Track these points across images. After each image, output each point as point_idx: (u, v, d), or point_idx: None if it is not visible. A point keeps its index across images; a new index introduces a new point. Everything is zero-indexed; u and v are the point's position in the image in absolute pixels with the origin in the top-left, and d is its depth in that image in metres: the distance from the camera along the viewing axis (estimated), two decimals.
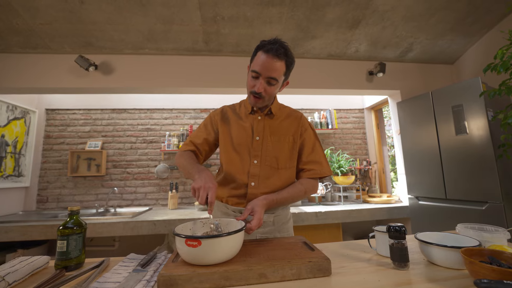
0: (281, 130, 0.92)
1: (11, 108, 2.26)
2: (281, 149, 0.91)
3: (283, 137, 0.92)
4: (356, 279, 0.60)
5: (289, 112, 0.98)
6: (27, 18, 1.77)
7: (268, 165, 0.89)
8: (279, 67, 0.82)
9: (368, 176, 2.81)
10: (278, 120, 0.94)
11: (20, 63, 2.08)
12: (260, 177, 0.88)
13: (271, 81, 0.84)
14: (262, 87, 0.84)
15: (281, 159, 0.90)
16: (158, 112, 2.69)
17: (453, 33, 2.13)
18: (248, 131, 0.92)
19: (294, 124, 0.94)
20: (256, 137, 0.91)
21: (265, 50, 0.81)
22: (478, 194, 1.62)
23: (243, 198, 0.90)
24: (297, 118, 0.96)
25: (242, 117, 0.96)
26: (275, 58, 0.81)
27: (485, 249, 0.61)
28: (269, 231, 0.91)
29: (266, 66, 0.81)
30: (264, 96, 0.86)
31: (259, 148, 0.90)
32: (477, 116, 1.63)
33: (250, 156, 0.90)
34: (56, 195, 2.47)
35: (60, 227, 0.72)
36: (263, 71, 0.82)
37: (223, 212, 0.94)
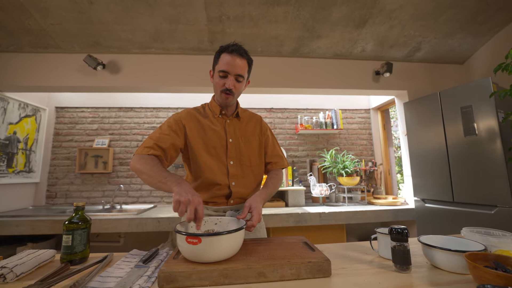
0: (248, 131, 1.02)
1: (22, 106, 2.32)
2: (251, 148, 1.00)
3: (251, 137, 1.02)
4: (356, 280, 0.60)
5: (250, 115, 1.08)
6: (38, 19, 1.82)
7: (243, 164, 0.97)
8: (243, 65, 0.92)
9: (374, 177, 2.77)
10: (243, 122, 1.04)
11: (31, 62, 2.14)
12: (238, 177, 0.96)
13: (239, 78, 0.92)
14: (232, 83, 0.91)
15: (252, 157, 1.00)
16: (164, 111, 2.72)
17: (463, 32, 2.07)
18: (221, 134, 0.97)
19: (257, 126, 1.06)
20: (230, 139, 0.97)
21: (229, 51, 0.90)
22: (487, 198, 1.58)
23: (227, 198, 0.95)
24: (258, 120, 1.08)
25: (210, 121, 0.99)
26: (239, 57, 0.90)
27: (491, 254, 0.60)
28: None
29: (233, 65, 0.89)
30: (234, 93, 0.93)
31: (233, 149, 0.97)
32: (487, 117, 1.59)
33: (227, 157, 0.95)
34: (64, 191, 2.53)
35: (66, 222, 0.74)
36: (231, 69, 0.90)
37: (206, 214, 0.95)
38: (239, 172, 0.96)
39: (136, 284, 0.57)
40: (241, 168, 0.96)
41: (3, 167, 2.14)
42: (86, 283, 0.58)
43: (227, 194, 0.94)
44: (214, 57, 0.96)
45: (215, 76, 0.94)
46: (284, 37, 2.08)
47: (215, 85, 0.95)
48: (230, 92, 0.92)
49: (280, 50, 2.24)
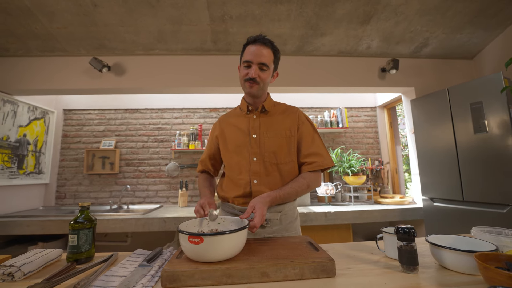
0: (276, 125, 0.94)
1: (31, 109, 2.38)
2: (278, 144, 0.92)
3: (279, 131, 0.93)
4: (362, 281, 0.58)
5: (284, 108, 1.00)
6: (45, 23, 1.86)
7: (268, 161, 0.91)
8: (267, 53, 0.90)
9: (380, 176, 2.72)
10: (272, 117, 0.97)
11: (39, 66, 2.19)
12: (261, 174, 0.91)
13: (263, 67, 0.89)
14: (255, 72, 0.89)
15: (280, 154, 0.92)
16: (169, 112, 2.74)
17: (473, 26, 2.01)
18: (244, 131, 0.95)
19: (289, 118, 0.96)
20: (253, 135, 0.93)
21: (252, 42, 0.90)
22: (499, 197, 1.53)
23: (248, 197, 0.91)
24: (293, 112, 0.98)
25: (238, 119, 0.99)
26: (263, 45, 0.89)
27: (502, 254, 0.58)
28: (277, 230, 0.91)
29: (256, 54, 0.88)
30: (259, 82, 0.90)
31: (256, 145, 0.92)
32: (498, 114, 1.54)
33: (249, 154, 0.92)
34: (73, 192, 2.58)
35: (72, 221, 0.75)
36: (254, 59, 0.89)
37: (230, 212, 0.97)
38: (262, 169, 0.90)
39: (139, 283, 0.57)
40: (264, 165, 0.91)
41: (14, 169, 2.20)
42: (90, 282, 0.58)
43: (248, 193, 0.90)
44: (241, 54, 0.96)
45: (240, 69, 0.94)
46: (288, 35, 2.06)
47: (240, 77, 0.94)
48: (254, 81, 0.89)
49: (283, 49, 2.22)
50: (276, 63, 0.95)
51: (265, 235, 0.90)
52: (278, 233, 0.91)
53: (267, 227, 0.90)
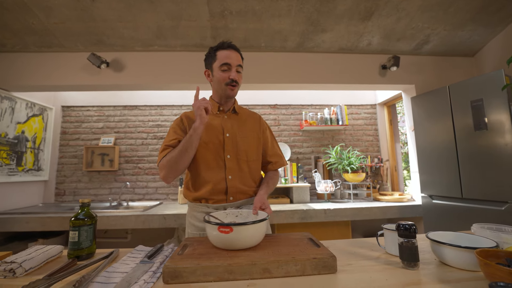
0: (245, 126, 1.04)
1: (30, 105, 2.36)
2: (249, 143, 1.01)
3: (249, 133, 1.03)
4: (363, 277, 0.59)
5: (248, 113, 1.11)
6: (42, 18, 1.83)
7: (240, 159, 0.99)
8: (239, 57, 1.00)
9: (380, 173, 2.73)
10: (242, 118, 1.06)
11: (37, 62, 2.17)
12: (234, 170, 0.97)
13: (239, 69, 0.98)
14: (236, 75, 0.96)
15: (250, 153, 1.01)
16: (168, 109, 2.73)
17: (474, 23, 2.00)
18: (218, 129, 0.99)
19: (256, 124, 1.08)
20: (227, 134, 0.99)
21: (225, 47, 0.98)
22: (498, 194, 1.54)
23: (223, 193, 0.95)
24: (257, 119, 1.10)
25: (209, 117, 0.99)
26: (235, 50, 0.99)
27: (503, 251, 0.58)
28: None
29: (233, 57, 0.96)
30: (238, 84, 0.98)
31: (230, 143, 0.98)
32: (499, 111, 1.54)
33: (224, 151, 0.97)
34: (72, 189, 2.57)
35: (72, 218, 0.75)
36: (232, 62, 0.96)
37: (204, 212, 0.95)
38: (236, 166, 0.97)
39: (141, 279, 0.57)
40: (238, 162, 0.98)
41: (13, 166, 2.19)
42: (92, 278, 0.58)
43: (224, 189, 0.95)
44: (206, 58, 1.03)
45: (217, 72, 0.98)
46: (288, 31, 2.05)
47: (219, 80, 0.97)
48: (236, 83, 0.96)
49: (284, 45, 2.21)
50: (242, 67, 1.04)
51: None
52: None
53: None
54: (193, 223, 0.97)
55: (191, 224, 0.98)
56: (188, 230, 0.99)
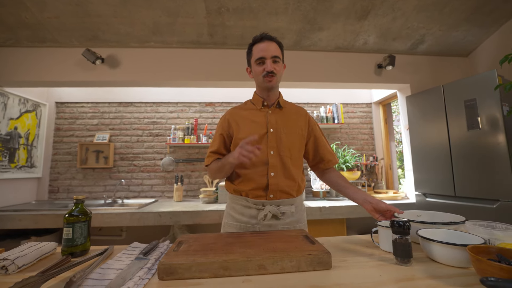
0: (291, 123, 1.00)
1: (23, 101, 2.32)
2: (293, 140, 0.98)
3: (294, 129, 0.99)
4: (357, 273, 0.59)
5: (295, 108, 1.07)
6: (35, 12, 1.80)
7: (283, 155, 0.95)
8: (275, 47, 0.96)
9: (375, 172, 2.76)
10: (287, 114, 1.02)
11: (30, 57, 2.12)
12: (278, 167, 0.94)
13: (276, 59, 0.95)
14: (272, 66, 0.94)
15: (293, 150, 0.97)
16: (164, 106, 2.71)
17: (468, 23, 2.03)
18: (262, 124, 0.98)
19: (301, 119, 1.03)
20: (271, 129, 0.97)
21: (259, 40, 0.97)
22: (490, 192, 1.57)
23: (264, 190, 0.94)
24: (304, 114, 1.06)
25: (252, 113, 1.01)
26: (270, 41, 0.96)
27: (494, 247, 0.59)
28: (290, 222, 0.96)
29: (267, 49, 0.94)
30: (276, 74, 0.95)
31: (274, 139, 0.96)
32: (491, 111, 1.57)
33: (267, 147, 0.95)
34: (66, 186, 2.54)
35: (66, 215, 0.74)
36: (266, 54, 0.94)
37: (243, 205, 0.97)
38: (279, 162, 0.94)
39: (136, 275, 0.57)
40: (281, 158, 0.95)
41: (5, 162, 2.15)
42: (86, 274, 0.58)
43: (265, 185, 0.93)
44: (246, 55, 1.03)
45: (254, 67, 0.98)
46: (285, 29, 2.04)
47: (256, 75, 0.98)
48: (272, 73, 0.94)
49: None
50: (283, 55, 1.00)
51: (279, 226, 0.94)
52: (291, 224, 0.96)
53: (282, 219, 0.94)
54: (232, 214, 0.98)
55: (230, 215, 0.99)
56: (225, 220, 1.01)
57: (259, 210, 0.93)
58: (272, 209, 0.91)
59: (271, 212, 0.91)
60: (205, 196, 2.25)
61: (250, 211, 0.94)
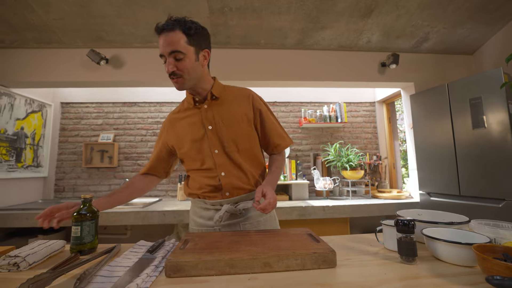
0: (231, 112, 0.89)
1: (29, 102, 2.35)
2: (236, 131, 0.88)
3: (235, 118, 0.88)
4: (362, 271, 0.60)
5: (234, 93, 0.93)
6: (41, 13, 1.82)
7: (229, 151, 0.88)
8: (175, 38, 0.77)
9: (378, 171, 2.75)
10: (225, 103, 0.90)
11: (35, 58, 2.15)
12: (226, 165, 0.88)
13: (176, 55, 0.77)
14: (171, 66, 0.78)
15: (240, 141, 0.88)
16: (167, 106, 2.72)
17: (474, 21, 2.01)
18: (198, 124, 0.88)
19: (244, 103, 0.91)
20: (209, 127, 0.87)
21: (157, 32, 0.79)
22: (495, 191, 1.56)
23: (218, 190, 0.89)
24: (246, 95, 0.93)
25: (188, 113, 0.91)
26: (166, 32, 0.77)
27: (499, 246, 0.59)
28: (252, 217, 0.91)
29: (163, 44, 0.78)
30: (181, 74, 0.80)
31: (214, 136, 0.87)
32: (497, 109, 1.55)
33: (210, 147, 0.88)
34: (72, 185, 2.57)
35: (74, 213, 0.76)
36: (163, 50, 0.78)
37: (202, 207, 0.93)
38: (226, 160, 0.87)
39: (144, 273, 0.58)
40: (227, 155, 0.87)
41: (12, 162, 2.18)
42: (95, 272, 0.59)
43: (217, 186, 0.88)
44: None
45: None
46: (288, 28, 2.04)
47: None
48: (174, 75, 0.79)
49: (283, 42, 2.20)
50: (195, 41, 0.80)
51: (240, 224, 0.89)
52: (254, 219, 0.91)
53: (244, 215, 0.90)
54: (193, 218, 0.95)
55: (192, 219, 0.96)
56: (190, 225, 0.97)
57: (217, 210, 0.88)
58: (229, 208, 0.85)
59: (229, 212, 0.85)
60: None
61: (208, 213, 0.90)
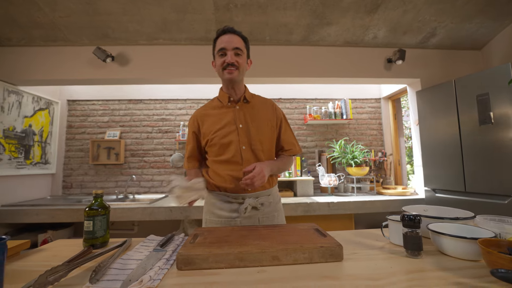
0: (259, 116, 1.03)
1: (36, 100, 2.39)
2: (263, 133, 1.01)
3: (263, 122, 1.02)
4: (368, 265, 0.61)
5: (262, 100, 1.10)
6: (47, 11, 1.84)
7: (255, 149, 0.99)
8: (238, 40, 0.96)
9: (383, 167, 2.74)
10: (255, 107, 1.04)
11: (42, 56, 2.18)
12: (251, 161, 0.97)
13: (238, 51, 0.95)
14: (233, 58, 0.94)
15: (264, 142, 1.01)
16: (173, 103, 2.74)
17: (483, 15, 1.97)
18: (231, 121, 1.00)
19: (269, 111, 1.07)
20: (240, 125, 0.99)
21: (221, 33, 0.97)
22: (501, 188, 1.55)
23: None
24: (271, 105, 1.09)
25: (219, 111, 1.03)
26: (232, 33, 0.96)
27: (504, 240, 0.60)
28: (269, 212, 1.01)
29: (228, 41, 0.94)
30: (237, 66, 0.95)
31: (244, 134, 0.99)
32: (505, 106, 1.54)
33: (239, 143, 0.98)
34: (79, 182, 2.62)
35: (87, 208, 0.78)
36: (228, 45, 0.94)
37: (223, 200, 1.00)
38: (252, 156, 0.98)
39: (156, 265, 0.60)
40: (253, 152, 0.98)
41: (21, 159, 2.23)
42: (109, 264, 0.61)
43: (240, 179, 0.95)
44: (212, 49, 1.02)
45: (216, 59, 0.98)
46: (293, 24, 2.03)
47: (217, 67, 0.98)
48: (232, 65, 0.94)
49: (289, 39, 2.19)
50: (247, 49, 1.01)
51: (259, 216, 0.98)
52: (270, 213, 1.01)
53: (261, 209, 0.98)
54: (213, 211, 1.00)
55: (210, 211, 1.01)
56: (206, 217, 1.02)
57: (239, 203, 0.97)
58: (251, 201, 0.95)
59: (251, 205, 0.95)
60: None
61: (231, 206, 0.98)
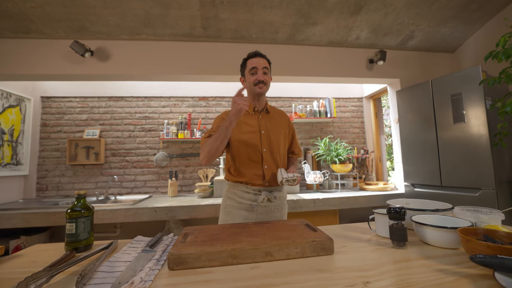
0: (277, 125, 1.24)
1: (5, 96, 2.21)
2: (279, 139, 1.22)
3: (279, 130, 1.24)
4: (358, 257, 0.63)
5: (278, 112, 1.31)
6: (17, 1, 1.70)
7: (274, 152, 1.18)
8: (265, 62, 1.19)
9: (365, 164, 2.85)
10: (273, 118, 1.25)
11: (12, 49, 2.02)
12: (270, 161, 1.17)
13: (265, 70, 1.17)
14: (262, 76, 1.15)
15: (280, 147, 1.22)
16: (156, 100, 2.66)
17: (455, 20, 2.10)
18: (255, 127, 1.19)
19: (284, 122, 1.29)
20: (262, 131, 1.19)
21: (252, 56, 1.20)
22: (472, 181, 1.67)
23: (261, 179, 1.15)
24: (286, 118, 1.32)
25: (246, 117, 1.21)
26: (261, 57, 1.19)
27: (480, 229, 0.64)
28: (279, 204, 1.18)
29: (259, 62, 1.17)
30: (266, 83, 1.17)
31: (265, 139, 1.18)
32: (476, 105, 1.65)
33: (261, 146, 1.17)
34: (55, 183, 2.47)
35: (68, 210, 0.74)
36: (258, 65, 1.16)
37: (243, 191, 1.15)
38: (270, 157, 1.17)
39: (146, 267, 0.58)
40: (272, 155, 1.17)
41: None
42: (96, 268, 0.58)
43: (262, 176, 1.14)
44: (240, 68, 1.24)
45: (247, 77, 1.18)
46: (279, 23, 2.04)
47: (249, 83, 1.18)
48: (262, 82, 1.15)
49: (275, 37, 2.20)
50: (270, 70, 1.22)
51: (272, 207, 1.16)
52: (279, 205, 1.18)
53: (273, 201, 1.15)
54: (234, 198, 1.17)
55: (231, 198, 1.17)
56: (227, 202, 1.18)
57: (256, 195, 1.14)
58: (267, 194, 1.12)
59: (267, 197, 1.12)
60: (200, 190, 2.25)
61: (249, 196, 1.15)
